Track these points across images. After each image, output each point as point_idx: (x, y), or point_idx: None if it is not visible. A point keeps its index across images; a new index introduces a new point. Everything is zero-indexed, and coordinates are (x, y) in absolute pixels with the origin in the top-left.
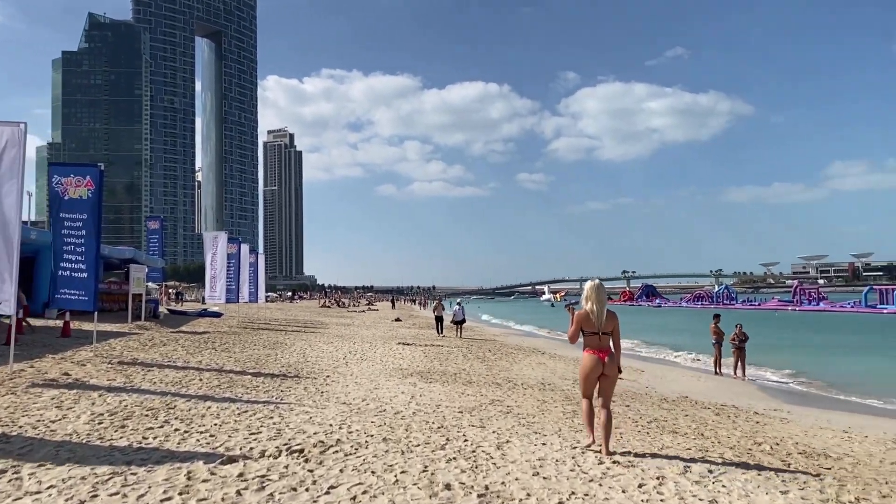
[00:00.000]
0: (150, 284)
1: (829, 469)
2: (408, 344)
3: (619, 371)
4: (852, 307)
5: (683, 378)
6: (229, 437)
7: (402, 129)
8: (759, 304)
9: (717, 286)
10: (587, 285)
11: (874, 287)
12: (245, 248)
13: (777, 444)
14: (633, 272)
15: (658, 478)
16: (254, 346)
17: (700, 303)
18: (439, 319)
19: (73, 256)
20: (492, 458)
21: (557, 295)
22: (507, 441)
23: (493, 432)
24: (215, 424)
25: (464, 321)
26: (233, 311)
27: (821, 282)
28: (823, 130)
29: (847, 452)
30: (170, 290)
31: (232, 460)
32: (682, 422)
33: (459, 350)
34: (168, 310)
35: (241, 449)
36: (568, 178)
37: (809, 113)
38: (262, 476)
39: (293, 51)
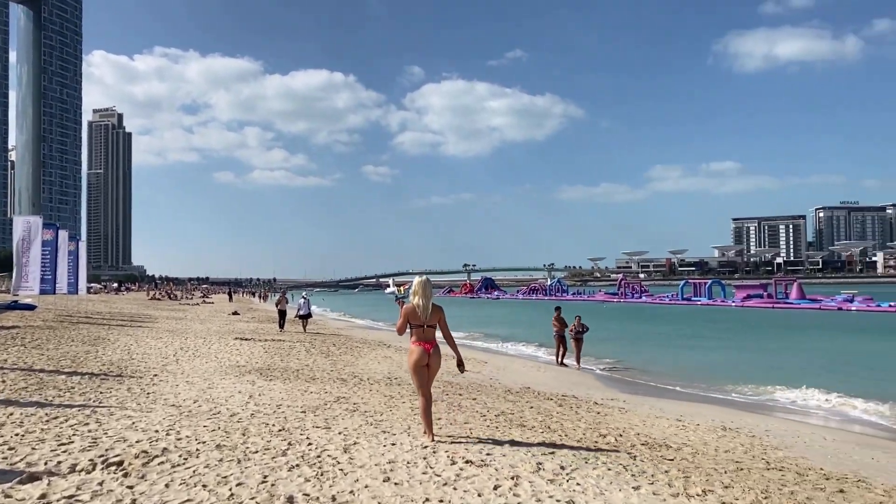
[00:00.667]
0: None
1: (672, 460)
2: (246, 339)
3: (461, 364)
4: (670, 300)
5: (524, 369)
6: (33, 449)
7: (241, 114)
8: (588, 297)
9: (549, 279)
10: (415, 281)
11: (689, 281)
12: (63, 234)
13: (620, 435)
14: (474, 265)
15: (513, 477)
16: (71, 342)
17: (535, 295)
18: (282, 314)
19: None
20: (339, 462)
21: (402, 288)
22: (355, 443)
23: (340, 433)
24: (17, 435)
25: (309, 315)
26: (49, 303)
27: (642, 276)
28: (646, 136)
29: (685, 442)
30: None
31: (34, 478)
32: (529, 414)
33: (302, 345)
34: None
35: (46, 463)
36: (413, 172)
37: (634, 120)
38: (71, 496)
39: (123, 25)
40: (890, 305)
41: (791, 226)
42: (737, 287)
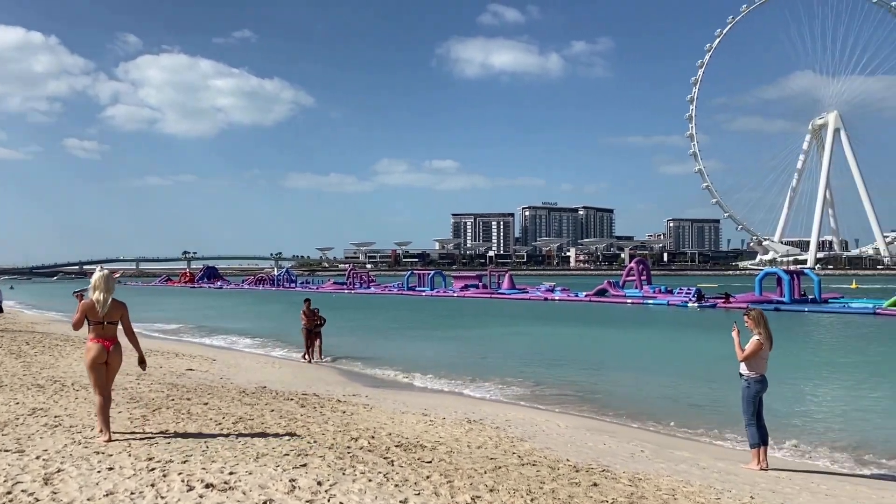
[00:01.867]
0: None
1: (431, 463)
2: None
3: (143, 362)
4: (398, 290)
5: (258, 366)
6: None
7: None
8: (318, 287)
9: (276, 269)
10: (95, 275)
11: (414, 272)
12: None
13: (373, 437)
14: (195, 253)
15: (266, 502)
16: None
17: (262, 285)
18: None
19: None
20: (38, 500)
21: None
22: (59, 470)
23: (38, 458)
24: None
25: (0, 309)
26: None
27: (369, 266)
28: (375, 130)
29: (438, 440)
30: None
31: None
32: (270, 418)
33: None
34: None
35: None
36: (126, 150)
37: (364, 113)
38: None
39: None
40: (585, 295)
41: (502, 222)
42: (455, 278)
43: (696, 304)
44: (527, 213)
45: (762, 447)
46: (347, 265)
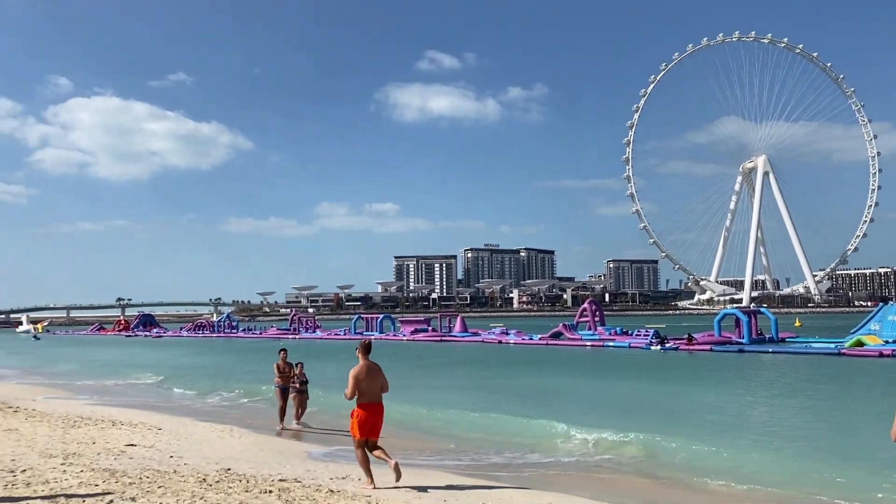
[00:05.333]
0: None
1: None
2: None
3: None
4: (345, 335)
5: (214, 436)
6: None
7: None
8: (261, 333)
9: (216, 315)
10: None
11: (361, 316)
12: None
13: None
14: (129, 300)
15: None
16: None
17: (202, 332)
18: None
19: None
20: None
21: (39, 325)
22: None
23: None
24: None
25: None
26: None
27: (311, 310)
28: (315, 174)
29: None
30: None
31: None
32: None
33: None
34: None
35: None
36: (55, 194)
37: (303, 157)
38: None
39: None
40: (540, 338)
41: (444, 264)
42: (402, 321)
43: (658, 347)
44: (469, 255)
45: None
46: (290, 309)
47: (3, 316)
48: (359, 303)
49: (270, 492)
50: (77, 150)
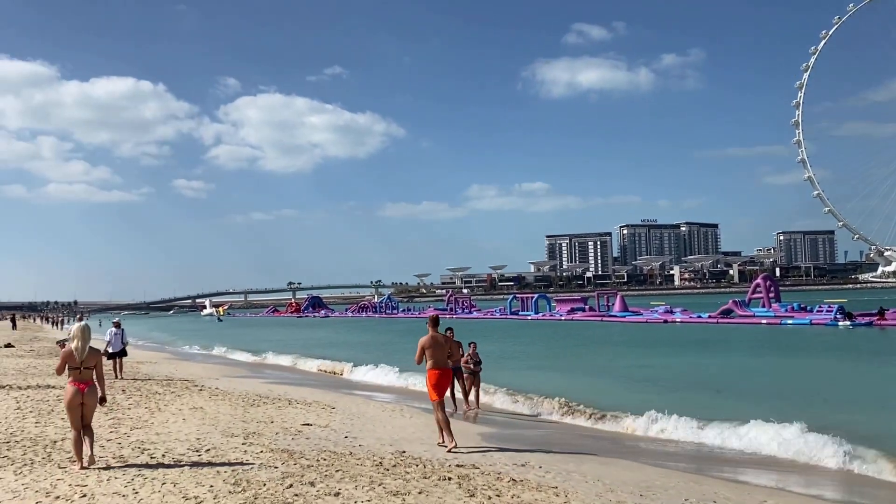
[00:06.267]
0: None
1: None
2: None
3: (104, 400)
4: (500, 314)
5: (385, 415)
6: None
7: (34, 122)
8: (420, 313)
9: (377, 296)
10: (74, 327)
11: (517, 296)
12: None
13: None
14: (299, 283)
15: None
16: None
17: (365, 313)
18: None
19: None
20: None
21: (221, 309)
22: None
23: None
24: None
25: (124, 353)
26: None
27: (465, 291)
28: (464, 157)
29: None
30: None
31: None
32: None
33: None
34: None
35: None
36: (230, 187)
37: (452, 140)
38: None
39: None
40: (709, 315)
41: (599, 242)
42: (558, 301)
43: (847, 323)
44: (625, 232)
45: None
46: (445, 290)
47: (190, 301)
48: (511, 283)
49: (450, 479)
50: (247, 145)
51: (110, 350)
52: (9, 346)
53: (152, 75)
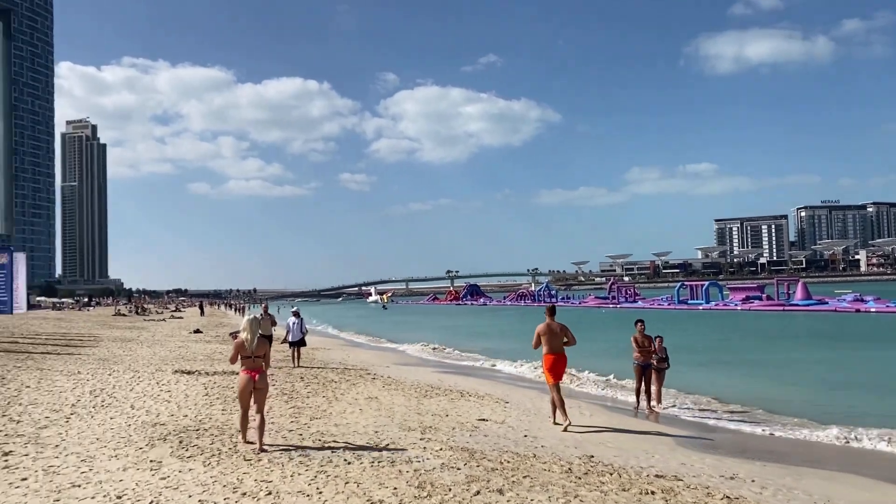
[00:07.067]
0: None
1: None
2: (188, 372)
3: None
4: (668, 304)
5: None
6: None
7: (214, 123)
8: (580, 302)
9: (534, 284)
10: (245, 320)
11: (685, 283)
12: None
13: None
14: (457, 272)
15: None
16: None
17: (523, 301)
18: (268, 340)
19: None
20: None
21: (385, 296)
22: None
23: None
24: None
25: (303, 342)
26: None
27: (626, 279)
28: (622, 139)
29: None
30: None
31: None
32: None
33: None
34: None
35: None
36: (390, 179)
37: (610, 123)
38: None
39: (89, 35)
40: None
41: (773, 226)
42: (731, 289)
43: None
44: (802, 214)
45: None
46: (604, 278)
47: (356, 288)
48: (677, 270)
49: (652, 493)
50: (405, 138)
51: (290, 339)
52: (197, 331)
53: (318, 74)
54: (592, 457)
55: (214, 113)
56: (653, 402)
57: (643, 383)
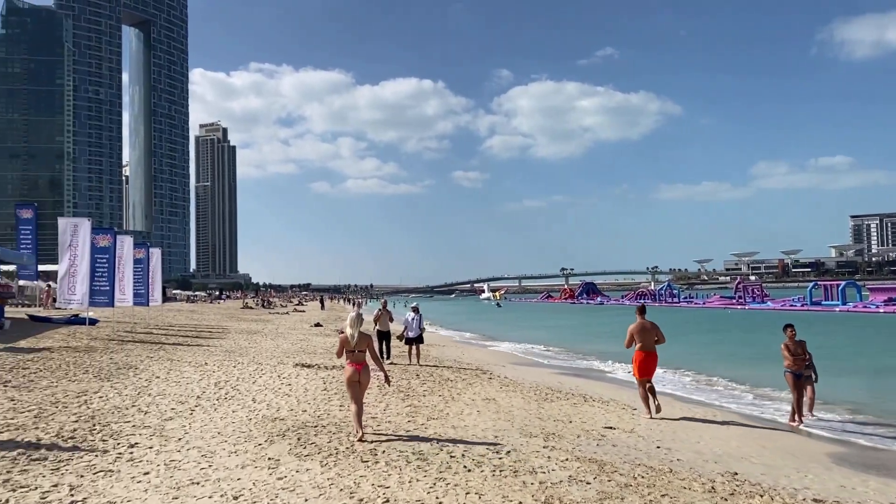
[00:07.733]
0: (22, 283)
1: None
2: (308, 366)
3: (388, 380)
4: (801, 306)
5: (699, 425)
6: None
7: (334, 125)
8: (704, 302)
9: (653, 283)
10: (349, 317)
11: (819, 283)
12: (127, 240)
13: None
14: (571, 269)
15: None
16: (84, 373)
17: (644, 300)
18: (384, 337)
19: None
20: None
21: (497, 293)
22: None
23: None
24: None
25: (420, 339)
26: (118, 315)
27: (752, 278)
28: (748, 132)
29: None
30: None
31: None
32: None
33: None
34: (30, 315)
35: None
36: (503, 176)
37: (735, 115)
38: None
39: (218, 43)
40: None
41: None
42: (872, 289)
43: None
44: None
45: None
46: (728, 277)
47: (468, 285)
48: (808, 269)
49: None
50: (519, 134)
51: (409, 335)
52: (318, 325)
53: (432, 74)
54: (736, 474)
55: (334, 114)
56: (805, 412)
57: (800, 393)
